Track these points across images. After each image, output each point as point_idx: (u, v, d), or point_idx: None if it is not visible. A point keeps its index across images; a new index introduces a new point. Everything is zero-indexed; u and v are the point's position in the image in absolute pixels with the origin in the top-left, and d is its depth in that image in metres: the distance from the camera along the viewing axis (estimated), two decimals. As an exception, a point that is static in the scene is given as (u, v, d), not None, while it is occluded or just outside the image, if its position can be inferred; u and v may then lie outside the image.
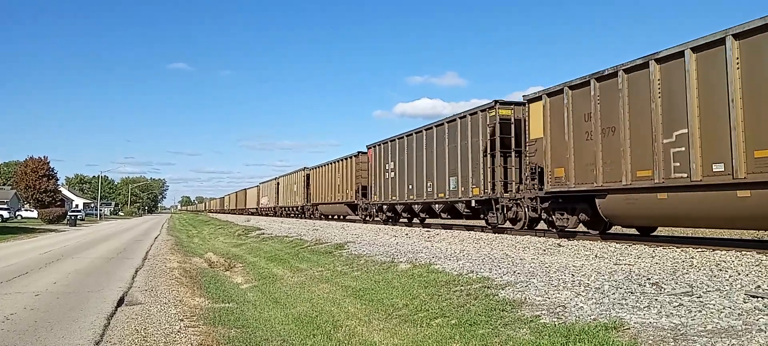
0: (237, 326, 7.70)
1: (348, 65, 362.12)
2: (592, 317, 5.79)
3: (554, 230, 13.59)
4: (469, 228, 18.24)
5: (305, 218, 38.81)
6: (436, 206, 19.44)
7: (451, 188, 18.06)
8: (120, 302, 9.21)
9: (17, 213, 66.17)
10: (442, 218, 20.32)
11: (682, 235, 15.01)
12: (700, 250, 9.39)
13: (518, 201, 14.65)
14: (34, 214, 62.96)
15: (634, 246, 10.45)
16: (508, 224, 15.28)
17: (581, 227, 13.22)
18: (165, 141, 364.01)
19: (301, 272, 12.74)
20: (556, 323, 5.86)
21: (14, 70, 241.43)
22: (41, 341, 6.55)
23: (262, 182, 60.79)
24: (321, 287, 10.59)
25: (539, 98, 13.47)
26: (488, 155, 15.73)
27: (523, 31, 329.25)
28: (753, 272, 6.99)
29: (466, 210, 17.48)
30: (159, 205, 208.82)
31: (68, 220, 49.52)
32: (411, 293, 8.60)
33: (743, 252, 8.86)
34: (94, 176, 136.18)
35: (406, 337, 6.57)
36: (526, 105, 14.15)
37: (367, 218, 26.77)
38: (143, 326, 7.40)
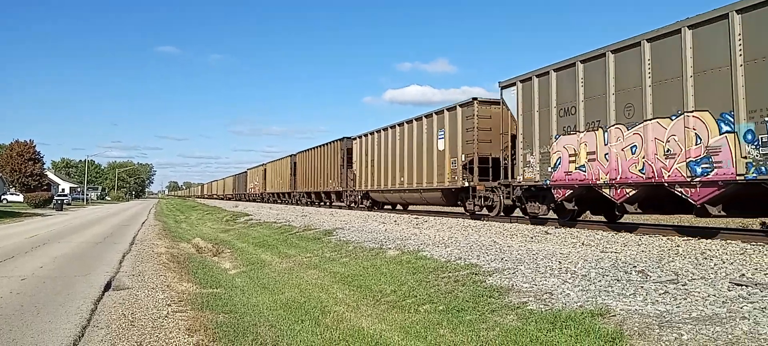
0: (225, 312, 7.69)
1: (338, 51, 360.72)
2: (578, 304, 5.84)
3: None
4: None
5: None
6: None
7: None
8: (107, 286, 9.15)
9: (2, 197, 65.52)
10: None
11: (668, 223, 15.18)
12: (685, 239, 9.51)
13: None
14: (20, 198, 62.42)
15: (620, 234, 10.55)
16: None
17: None
18: (152, 125, 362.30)
19: (290, 258, 12.73)
20: (542, 309, 5.91)
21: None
22: (28, 325, 6.49)
23: (394, 124, 23.14)
24: (309, 273, 10.59)
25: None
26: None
27: (514, 18, 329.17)
28: (737, 261, 7.09)
29: None
30: (146, 190, 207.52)
31: (55, 204, 49.14)
32: (399, 279, 8.62)
33: (728, 241, 8.99)
34: (80, 160, 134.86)
35: (394, 323, 6.60)
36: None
37: (477, 211, 16.92)
38: (130, 311, 7.37)
